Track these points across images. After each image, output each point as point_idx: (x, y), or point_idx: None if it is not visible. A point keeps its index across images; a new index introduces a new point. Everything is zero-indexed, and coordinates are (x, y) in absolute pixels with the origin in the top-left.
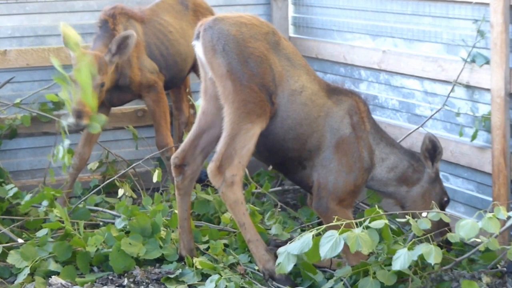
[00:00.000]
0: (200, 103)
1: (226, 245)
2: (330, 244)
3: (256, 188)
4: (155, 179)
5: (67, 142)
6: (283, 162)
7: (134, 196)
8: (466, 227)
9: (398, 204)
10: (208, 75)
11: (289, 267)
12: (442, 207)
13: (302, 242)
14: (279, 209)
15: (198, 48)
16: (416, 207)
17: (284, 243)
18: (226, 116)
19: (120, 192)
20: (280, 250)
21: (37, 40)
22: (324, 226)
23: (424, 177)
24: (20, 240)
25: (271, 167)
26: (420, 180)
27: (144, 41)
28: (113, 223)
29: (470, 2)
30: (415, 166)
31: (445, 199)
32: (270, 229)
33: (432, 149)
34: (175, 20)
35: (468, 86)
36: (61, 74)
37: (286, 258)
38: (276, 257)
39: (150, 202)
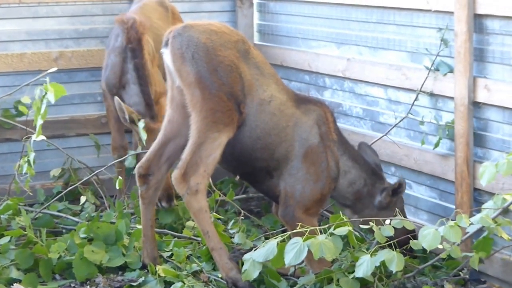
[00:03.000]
0: (166, 112)
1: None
2: (295, 251)
3: (219, 196)
4: (117, 186)
5: (32, 155)
6: (251, 171)
7: (97, 203)
8: (428, 237)
9: (355, 215)
10: (176, 83)
11: (254, 274)
12: None
13: (267, 250)
14: (243, 217)
15: (167, 56)
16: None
17: (248, 251)
18: (193, 124)
19: (83, 199)
20: (246, 257)
21: (0, 45)
22: (288, 233)
23: (375, 202)
24: None
25: (238, 177)
26: (370, 205)
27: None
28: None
29: (435, 11)
30: (369, 188)
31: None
32: (233, 237)
33: (397, 188)
34: (164, 24)
35: (432, 95)
36: None
37: (251, 265)
38: (240, 265)
39: (111, 217)
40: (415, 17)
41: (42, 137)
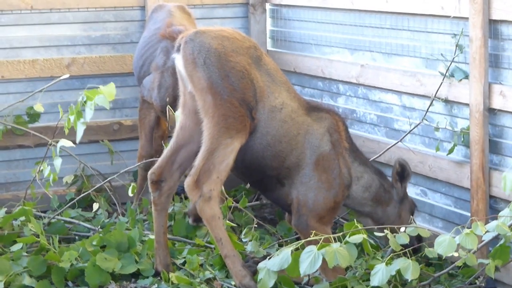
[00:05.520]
0: (178, 118)
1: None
2: (310, 259)
3: (232, 203)
4: (130, 193)
5: (58, 161)
6: (261, 179)
7: (110, 210)
8: (443, 244)
9: (377, 224)
10: (188, 88)
11: (270, 284)
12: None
13: (281, 258)
14: (255, 225)
15: (178, 61)
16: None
17: (262, 259)
18: (205, 130)
19: (95, 206)
20: (260, 266)
21: (12, 52)
22: (302, 241)
23: (394, 196)
24: None
25: (248, 185)
26: (392, 200)
27: None
28: (88, 237)
29: (449, 16)
30: (385, 186)
31: (414, 209)
32: (246, 246)
33: (402, 172)
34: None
35: (446, 101)
36: None
37: (266, 275)
38: (253, 273)
39: (124, 225)
40: (430, 23)
41: (70, 143)
